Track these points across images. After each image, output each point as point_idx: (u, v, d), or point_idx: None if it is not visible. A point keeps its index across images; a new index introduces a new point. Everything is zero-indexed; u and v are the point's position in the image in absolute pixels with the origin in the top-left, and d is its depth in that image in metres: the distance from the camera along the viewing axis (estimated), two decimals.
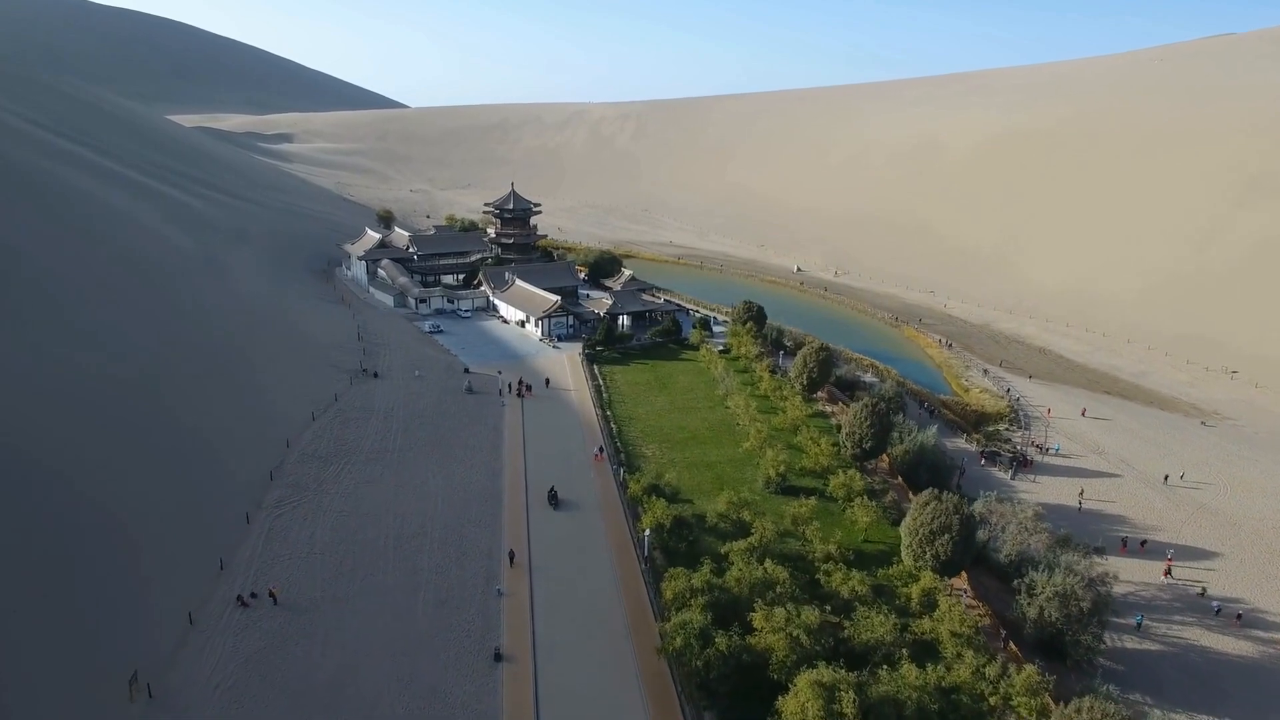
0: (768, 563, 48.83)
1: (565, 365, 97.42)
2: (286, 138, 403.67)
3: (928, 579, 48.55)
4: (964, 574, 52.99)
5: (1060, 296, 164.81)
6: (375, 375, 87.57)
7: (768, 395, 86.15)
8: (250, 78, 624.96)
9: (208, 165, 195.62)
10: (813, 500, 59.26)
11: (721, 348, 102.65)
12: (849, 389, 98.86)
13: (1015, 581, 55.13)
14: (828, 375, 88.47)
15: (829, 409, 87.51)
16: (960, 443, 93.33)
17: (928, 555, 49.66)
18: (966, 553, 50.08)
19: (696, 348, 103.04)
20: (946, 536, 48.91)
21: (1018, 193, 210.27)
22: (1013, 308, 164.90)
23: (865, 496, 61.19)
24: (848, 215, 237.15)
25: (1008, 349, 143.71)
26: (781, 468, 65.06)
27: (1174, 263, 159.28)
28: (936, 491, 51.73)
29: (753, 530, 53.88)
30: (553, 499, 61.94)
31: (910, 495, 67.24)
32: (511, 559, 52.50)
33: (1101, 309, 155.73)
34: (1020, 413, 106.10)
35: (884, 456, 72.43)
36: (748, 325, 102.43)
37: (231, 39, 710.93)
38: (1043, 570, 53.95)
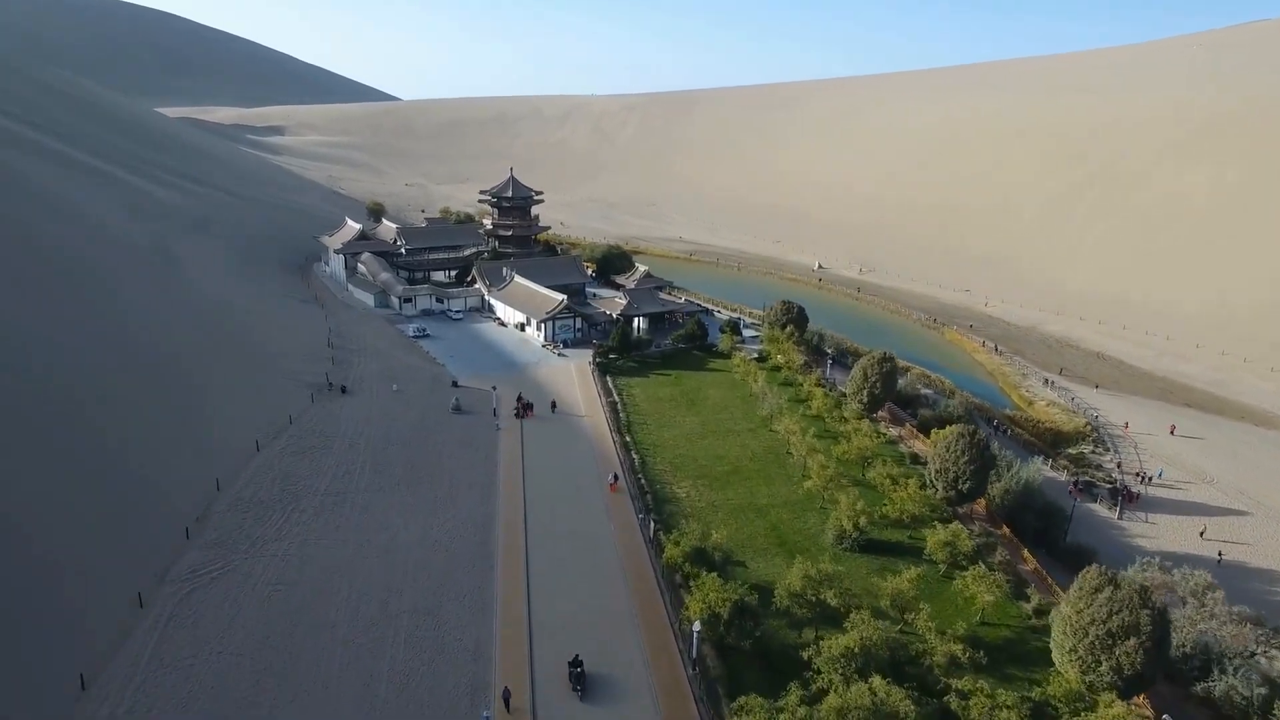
0: (876, 681, 33.65)
1: (573, 376, 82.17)
2: (277, 130, 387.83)
3: (1115, 708, 33.26)
4: None
5: (1110, 297, 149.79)
6: (344, 390, 72.31)
7: (821, 416, 70.86)
8: (242, 71, 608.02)
9: (179, 152, 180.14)
10: (915, 570, 43.95)
11: (756, 355, 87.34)
12: (908, 405, 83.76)
13: (1199, 686, 40.03)
14: (892, 391, 73.24)
15: (892, 431, 72.25)
16: (1045, 469, 78.24)
17: (1104, 666, 34.43)
18: (1160, 663, 34.89)
19: (727, 355, 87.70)
20: (1134, 641, 33.72)
21: (1053, 187, 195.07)
22: (1060, 308, 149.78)
23: (980, 562, 45.87)
24: (869, 210, 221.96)
25: (1061, 354, 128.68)
26: (861, 519, 49.81)
27: (1239, 261, 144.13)
28: (1109, 571, 36.50)
29: (845, 621, 38.61)
30: (576, 678, 36.89)
31: (1024, 554, 52.09)
32: (507, 702, 35.52)
33: (1157, 311, 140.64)
34: (1103, 432, 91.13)
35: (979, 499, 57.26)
36: (787, 329, 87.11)
37: (224, 31, 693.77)
38: (1238, 671, 38.90)
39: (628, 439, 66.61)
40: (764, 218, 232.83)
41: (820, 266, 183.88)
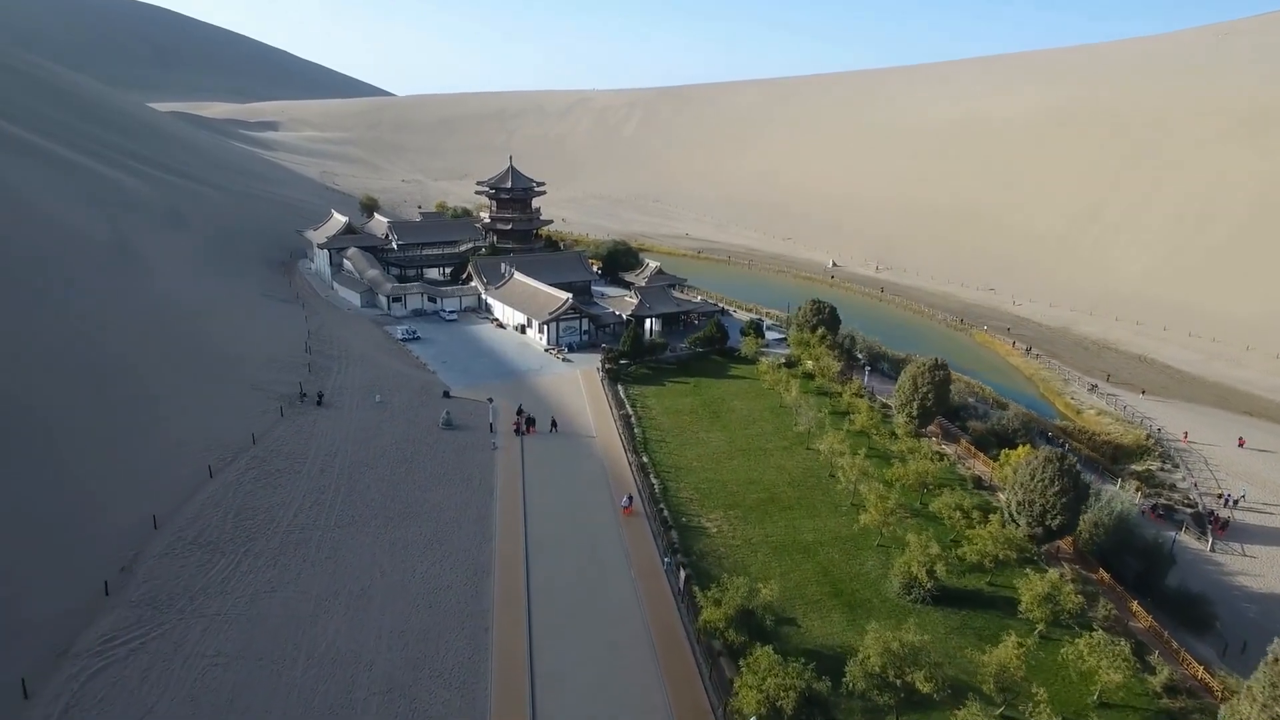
0: None
1: (579, 385, 73.09)
2: (271, 126, 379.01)
3: None
4: None
5: (1147, 295, 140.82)
6: (319, 402, 63.23)
7: (867, 432, 61.80)
8: (237, 66, 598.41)
9: (159, 142, 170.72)
10: (1017, 637, 34.80)
11: (784, 361, 78.22)
12: (953, 416, 74.67)
13: None
14: (944, 403, 64.16)
15: (947, 449, 63.15)
16: (1109, 488, 69.24)
17: None
18: None
19: (752, 360, 78.65)
20: None
21: (1080, 180, 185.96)
22: (1093, 308, 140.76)
23: (1095, 626, 36.80)
24: (882, 206, 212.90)
25: (1100, 357, 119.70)
26: (937, 565, 40.75)
27: None
28: None
29: (949, 718, 29.64)
30: None
31: (1133, 607, 42.98)
32: None
33: (1201, 311, 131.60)
34: (1167, 445, 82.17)
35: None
36: (818, 332, 77.97)
37: (219, 26, 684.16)
38: None
39: (644, 459, 57.58)
40: (774, 214, 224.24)
41: (835, 265, 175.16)
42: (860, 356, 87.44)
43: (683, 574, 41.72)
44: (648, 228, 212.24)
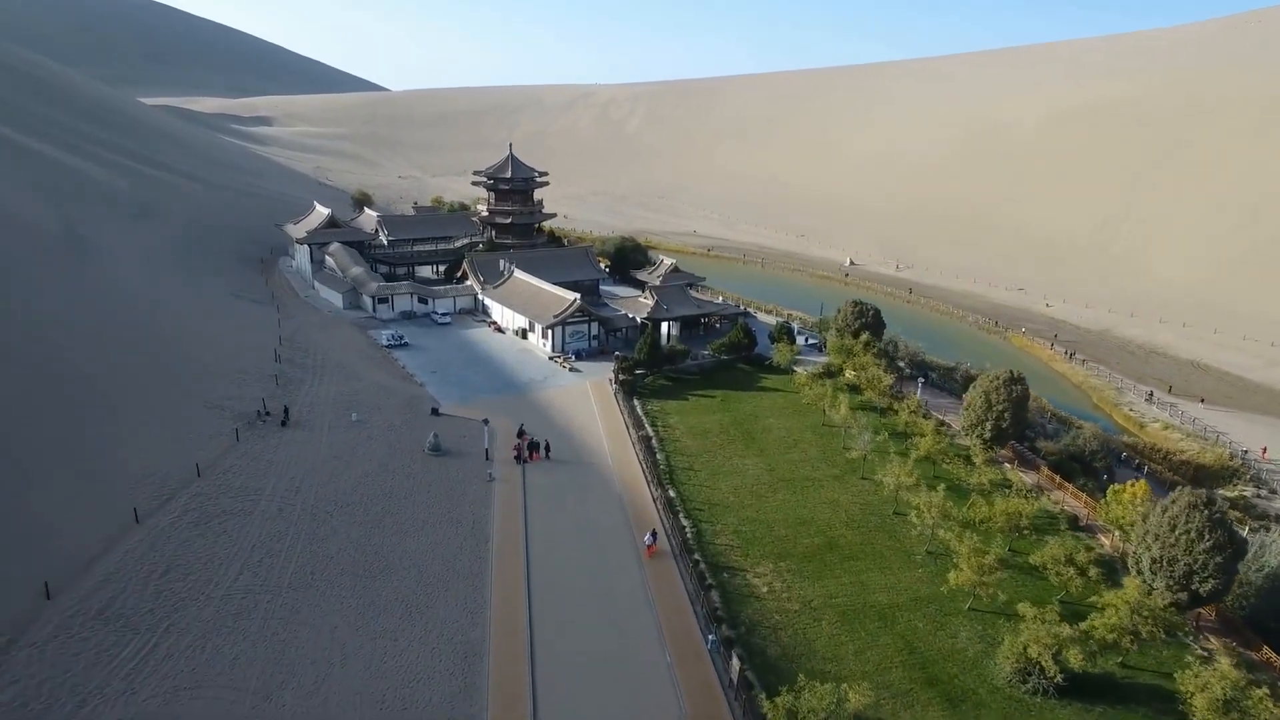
0: None
1: (590, 399, 63.30)
2: (265, 121, 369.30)
3: None
4: None
5: (1191, 296, 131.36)
6: (285, 422, 53.48)
7: (932, 458, 52.05)
8: (231, 61, 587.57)
9: (139, 132, 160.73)
10: None
11: (824, 370, 68.35)
12: (1020, 437, 64.90)
13: None
14: (1022, 424, 54.49)
15: (1024, 478, 53.37)
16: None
17: None
18: None
19: (784, 370, 68.85)
20: None
21: (1107, 173, 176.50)
22: (1134, 309, 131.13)
23: None
24: (895, 202, 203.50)
25: (1149, 363, 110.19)
26: (1069, 653, 31.03)
27: None
28: None
29: None
30: None
31: None
32: None
33: (1248, 311, 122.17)
34: (1254, 466, 72.73)
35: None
36: (862, 338, 68.14)
37: (212, 21, 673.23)
38: None
39: (671, 493, 47.83)
40: (783, 210, 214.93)
41: (851, 263, 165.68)
42: (904, 365, 77.72)
43: (736, 662, 31.93)
44: (654, 225, 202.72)
